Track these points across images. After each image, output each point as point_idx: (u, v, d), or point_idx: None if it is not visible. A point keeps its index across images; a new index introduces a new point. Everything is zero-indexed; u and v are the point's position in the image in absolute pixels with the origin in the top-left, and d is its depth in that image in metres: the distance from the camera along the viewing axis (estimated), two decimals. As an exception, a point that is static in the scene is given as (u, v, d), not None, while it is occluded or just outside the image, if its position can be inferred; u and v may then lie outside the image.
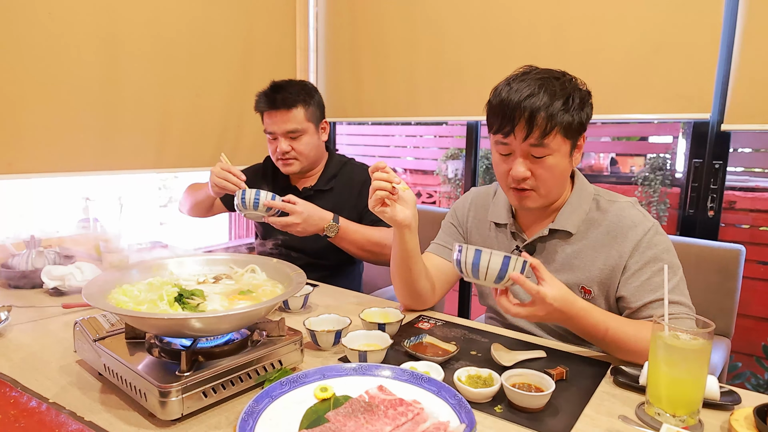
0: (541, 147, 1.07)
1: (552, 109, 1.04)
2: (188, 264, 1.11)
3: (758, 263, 2.76)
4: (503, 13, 2.18)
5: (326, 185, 1.79)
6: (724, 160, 1.86)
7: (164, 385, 0.79)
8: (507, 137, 1.09)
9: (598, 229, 1.15)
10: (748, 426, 0.79)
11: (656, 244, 1.09)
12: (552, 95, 1.05)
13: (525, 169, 1.09)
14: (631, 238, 1.10)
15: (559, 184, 1.15)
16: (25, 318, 1.26)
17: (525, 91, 1.05)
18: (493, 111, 1.11)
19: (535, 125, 1.04)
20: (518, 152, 1.10)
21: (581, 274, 1.16)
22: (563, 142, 1.08)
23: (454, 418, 0.78)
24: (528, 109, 1.04)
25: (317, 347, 1.09)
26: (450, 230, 1.39)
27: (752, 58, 1.68)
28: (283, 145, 1.69)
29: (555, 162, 1.09)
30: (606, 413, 0.86)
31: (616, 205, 1.16)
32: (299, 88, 1.70)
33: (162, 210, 3.93)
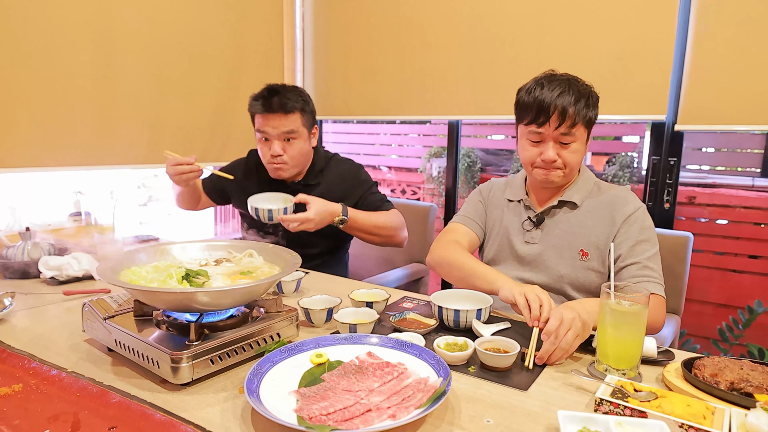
0: (569, 135, 1.29)
1: (579, 105, 1.27)
2: (190, 249, 1.20)
3: (715, 254, 2.94)
4: (486, 19, 2.31)
5: (314, 180, 1.86)
6: (678, 158, 2.03)
7: (176, 352, 0.89)
8: (541, 127, 1.29)
9: (598, 203, 1.37)
10: (676, 376, 0.94)
11: (643, 221, 1.32)
12: (579, 94, 1.28)
13: (555, 153, 1.31)
14: (624, 211, 1.32)
15: (578, 166, 1.38)
16: (27, 304, 1.33)
17: (557, 90, 1.28)
18: (528, 106, 1.31)
19: (567, 117, 1.26)
20: (549, 139, 1.31)
21: (582, 239, 1.36)
22: (584, 132, 1.32)
23: (432, 374, 0.90)
24: (561, 104, 1.26)
25: (311, 324, 1.20)
26: (476, 204, 1.58)
27: (701, 66, 1.86)
28: (276, 147, 1.72)
29: (577, 147, 1.32)
30: (563, 371, 0.99)
31: (613, 188, 1.40)
32: (297, 95, 1.74)
33: (142, 208, 3.96)
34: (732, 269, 2.84)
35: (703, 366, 0.92)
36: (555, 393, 0.91)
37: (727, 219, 2.90)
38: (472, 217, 1.55)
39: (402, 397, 0.84)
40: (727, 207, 2.90)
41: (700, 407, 0.79)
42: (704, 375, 0.89)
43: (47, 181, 2.03)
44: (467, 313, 1.16)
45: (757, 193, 2.89)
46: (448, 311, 1.17)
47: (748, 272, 2.80)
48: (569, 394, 0.91)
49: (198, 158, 2.51)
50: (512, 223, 1.47)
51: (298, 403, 0.82)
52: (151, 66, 2.23)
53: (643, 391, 0.85)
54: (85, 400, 0.83)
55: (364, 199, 1.86)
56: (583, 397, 0.90)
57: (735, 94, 1.81)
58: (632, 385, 0.86)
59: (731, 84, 1.82)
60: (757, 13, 1.74)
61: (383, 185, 4.68)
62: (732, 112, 1.83)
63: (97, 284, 1.53)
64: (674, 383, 0.91)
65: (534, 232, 1.42)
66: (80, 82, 2.02)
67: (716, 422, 0.76)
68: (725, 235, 2.89)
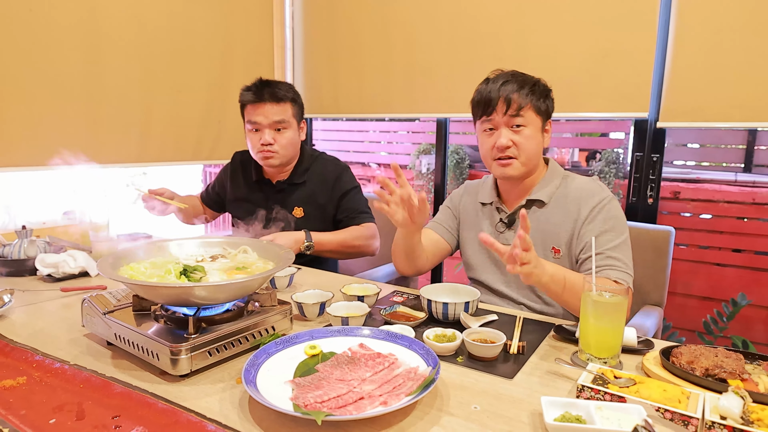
0: (519, 117, 1.33)
1: (523, 90, 1.33)
2: (186, 246, 1.23)
3: (699, 248, 3.01)
4: (470, 20, 2.35)
5: (299, 179, 1.90)
6: (661, 154, 2.09)
7: (175, 345, 0.92)
8: (490, 115, 1.35)
9: (565, 198, 1.40)
10: (655, 363, 0.98)
11: (608, 211, 1.34)
12: (522, 82, 1.35)
13: (507, 139, 1.34)
14: (589, 204, 1.35)
15: (536, 154, 1.38)
16: (25, 301, 1.36)
17: (500, 80, 1.35)
18: (477, 102, 1.39)
19: (512, 102, 1.33)
20: (500, 125, 1.35)
21: (552, 236, 1.39)
22: (536, 117, 1.35)
23: (422, 364, 0.94)
24: (505, 91, 1.33)
25: (304, 318, 1.24)
26: (446, 212, 1.63)
27: (682, 65, 1.91)
28: (267, 136, 1.76)
29: (531, 133, 1.35)
30: (547, 359, 1.04)
31: (581, 180, 1.42)
32: (288, 87, 1.82)
33: (131, 206, 3.96)
34: (716, 263, 2.91)
35: (680, 354, 0.96)
36: (539, 381, 0.95)
37: (710, 213, 2.97)
38: (442, 224, 1.59)
39: (393, 385, 0.88)
40: (711, 202, 2.96)
41: (675, 392, 0.84)
42: (681, 362, 0.94)
43: (41, 179, 2.04)
44: (455, 306, 1.20)
45: (740, 188, 2.96)
46: (437, 304, 1.21)
47: (732, 266, 2.87)
48: (553, 381, 0.95)
49: (189, 157, 2.55)
50: (486, 226, 1.50)
51: (294, 392, 0.85)
52: (140, 65, 2.25)
53: (623, 378, 0.89)
54: (89, 391, 0.86)
55: (344, 204, 1.90)
56: (566, 384, 0.94)
57: (716, 92, 1.87)
58: (613, 373, 0.91)
59: (712, 81, 1.87)
60: (736, 11, 1.80)
61: (373, 182, 4.71)
62: (713, 109, 1.88)
63: (93, 281, 1.55)
64: (653, 370, 0.96)
65: (507, 234, 1.45)
66: (70, 82, 2.04)
67: (691, 406, 0.81)
68: (709, 229, 2.96)
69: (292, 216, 1.89)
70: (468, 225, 1.56)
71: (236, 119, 2.17)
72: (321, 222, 1.89)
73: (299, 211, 1.89)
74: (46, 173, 2.01)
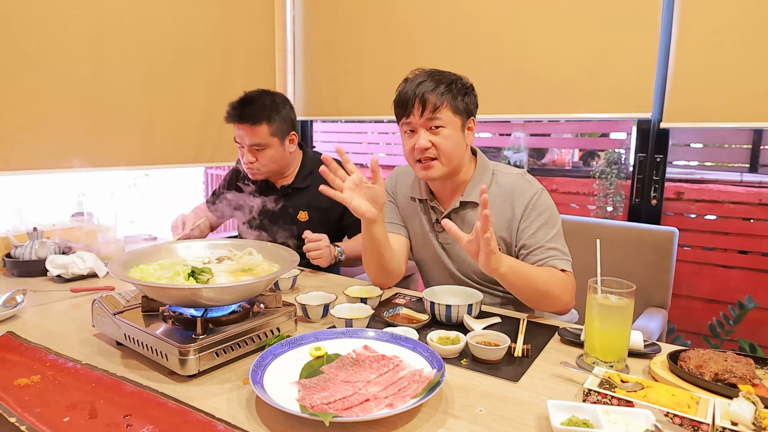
0: (436, 119, 1.32)
1: (438, 90, 1.31)
2: (193, 248, 1.25)
3: (704, 249, 2.99)
4: (470, 20, 2.36)
5: (302, 183, 1.91)
6: (664, 154, 2.09)
7: (183, 346, 0.94)
8: (408, 117, 1.34)
9: (496, 196, 1.40)
10: (662, 368, 0.99)
11: (540, 206, 1.36)
12: (437, 81, 1.33)
13: (426, 140, 1.33)
14: (521, 201, 1.37)
15: (457, 154, 1.36)
16: (36, 301, 1.38)
17: (417, 81, 1.34)
18: (397, 103, 1.38)
19: (428, 102, 1.31)
20: (419, 127, 1.34)
21: None
22: (453, 117, 1.33)
23: (427, 366, 0.95)
24: (420, 92, 1.31)
25: (308, 320, 1.25)
26: (389, 206, 1.58)
27: (685, 65, 1.91)
28: (248, 156, 1.80)
29: (449, 133, 1.33)
30: (552, 363, 1.04)
31: (509, 176, 1.42)
32: (267, 103, 1.78)
33: (134, 208, 4.00)
34: (721, 265, 2.90)
35: (688, 358, 0.96)
36: (544, 384, 0.96)
37: (715, 214, 2.96)
38: (393, 220, 1.56)
39: (398, 387, 0.89)
40: (716, 202, 2.95)
41: (684, 397, 0.84)
42: (689, 366, 0.94)
43: (49, 182, 2.07)
44: (459, 308, 1.21)
45: (746, 189, 2.94)
46: (440, 306, 1.22)
47: (738, 267, 2.85)
48: (558, 385, 0.96)
49: (191, 159, 2.57)
50: (423, 223, 1.50)
51: (300, 393, 0.86)
52: (142, 68, 2.27)
53: (630, 381, 0.89)
54: (101, 390, 0.87)
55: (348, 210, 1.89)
56: (571, 387, 0.95)
57: (720, 92, 1.87)
58: (619, 377, 0.91)
59: (716, 81, 1.87)
60: (739, 10, 1.79)
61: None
62: (717, 109, 1.88)
63: (102, 281, 1.57)
64: (660, 375, 0.96)
65: (446, 234, 1.45)
66: (74, 85, 2.06)
67: (700, 411, 0.80)
68: (714, 230, 2.95)
69: (298, 220, 1.90)
70: (410, 220, 1.54)
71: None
72: (325, 226, 1.89)
73: (304, 215, 1.90)
74: (55, 176, 2.03)
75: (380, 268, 1.44)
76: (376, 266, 1.44)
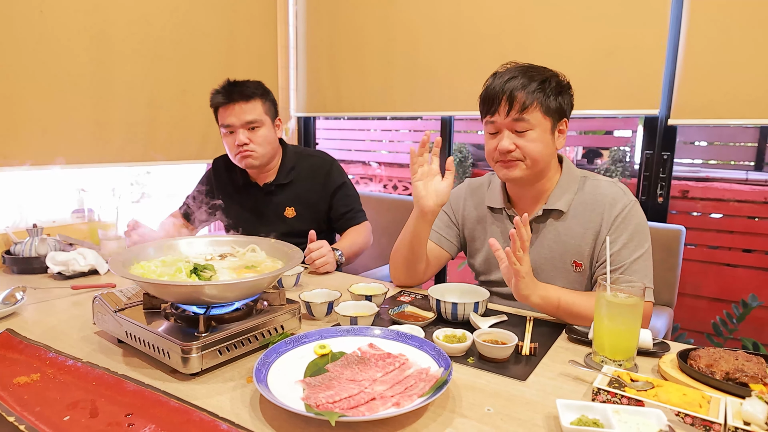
0: (523, 121, 1.22)
1: (530, 87, 1.21)
2: (196, 244, 1.23)
3: (709, 248, 2.98)
4: (473, 16, 2.34)
5: (286, 179, 1.87)
6: (672, 152, 2.07)
7: (186, 343, 0.92)
8: (493, 116, 1.25)
9: (585, 206, 1.29)
10: (672, 366, 0.97)
11: (632, 218, 1.25)
12: (530, 78, 1.22)
13: (510, 142, 1.24)
14: (612, 213, 1.25)
15: (543, 158, 1.26)
16: (37, 298, 1.36)
17: (506, 76, 1.23)
18: (482, 99, 1.28)
19: (515, 101, 1.21)
20: (503, 127, 1.25)
21: (573, 249, 1.30)
22: (543, 119, 1.23)
23: (434, 365, 0.94)
24: (509, 89, 1.21)
25: (312, 317, 1.23)
26: (444, 218, 1.51)
27: (694, 61, 1.89)
28: (242, 136, 1.73)
29: (537, 136, 1.24)
30: (560, 361, 1.03)
31: (599, 183, 1.31)
32: (257, 84, 1.79)
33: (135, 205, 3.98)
34: (726, 263, 2.88)
35: (698, 357, 0.95)
36: (552, 383, 0.94)
37: (720, 213, 2.94)
38: (439, 231, 1.49)
39: (405, 386, 0.87)
40: (721, 201, 2.93)
41: (695, 396, 0.82)
42: (700, 365, 0.92)
43: (49, 178, 2.06)
44: (465, 306, 1.19)
45: (751, 187, 2.93)
46: (446, 304, 1.20)
47: (742, 266, 2.83)
48: (566, 383, 0.94)
49: (194, 156, 2.56)
50: (496, 234, 1.40)
51: (305, 391, 0.85)
52: (145, 65, 2.26)
53: (640, 381, 0.88)
54: (102, 389, 0.86)
55: (338, 201, 1.88)
56: (580, 386, 0.93)
57: (728, 88, 1.84)
58: (629, 375, 0.89)
59: (724, 78, 1.84)
60: (749, 7, 1.77)
61: (375, 181, 4.71)
62: (725, 106, 1.86)
63: (103, 279, 1.55)
64: (670, 373, 0.94)
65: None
66: (77, 81, 2.04)
67: (712, 411, 0.79)
68: (719, 228, 2.93)
69: (285, 217, 1.87)
70: (475, 232, 1.45)
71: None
72: (313, 220, 1.87)
73: (291, 212, 1.88)
74: (55, 172, 2.02)
75: (406, 263, 1.41)
76: (403, 259, 1.41)
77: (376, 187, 4.68)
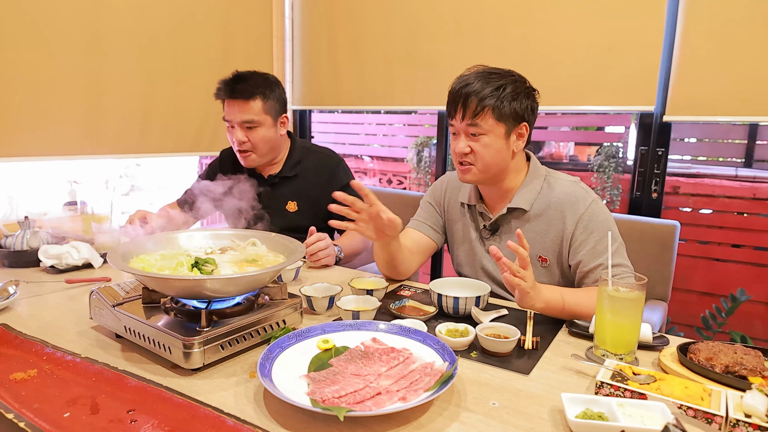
0: (475, 126, 1.26)
1: (482, 93, 1.24)
2: (196, 238, 1.21)
3: (698, 243, 3.01)
4: (474, 11, 2.33)
5: (291, 172, 1.86)
6: (666, 148, 2.08)
7: (188, 338, 0.91)
8: (452, 119, 1.30)
9: (548, 205, 1.34)
10: (672, 360, 0.98)
11: (597, 216, 1.28)
12: (485, 84, 1.25)
13: (465, 145, 1.28)
14: (576, 212, 1.29)
15: (496, 163, 1.30)
16: (30, 293, 1.34)
17: (464, 81, 1.27)
18: (447, 100, 1.32)
19: (468, 108, 1.25)
20: (460, 131, 1.29)
21: (538, 245, 1.35)
22: (496, 125, 1.26)
23: (438, 359, 0.93)
24: (464, 94, 1.25)
25: (313, 312, 1.22)
26: (428, 208, 1.56)
27: (689, 59, 1.91)
28: (239, 135, 1.71)
29: (490, 141, 1.27)
30: (562, 355, 1.03)
31: (562, 182, 1.35)
32: (261, 81, 1.73)
33: (124, 198, 3.93)
34: (716, 258, 2.92)
35: (698, 350, 0.96)
36: (555, 377, 0.94)
37: (711, 208, 2.98)
38: (426, 222, 1.53)
39: (410, 380, 0.87)
40: (711, 197, 2.97)
41: (697, 389, 0.83)
42: (700, 359, 0.93)
43: (41, 170, 2.02)
44: (466, 300, 1.19)
45: (741, 183, 2.96)
46: (448, 299, 1.20)
47: (732, 261, 2.87)
48: (569, 377, 0.94)
49: (188, 148, 2.53)
50: (472, 231, 1.46)
51: (310, 386, 0.84)
52: (140, 56, 2.23)
53: (642, 374, 0.88)
54: (102, 384, 0.84)
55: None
56: (582, 380, 0.93)
57: (723, 86, 1.86)
58: (631, 369, 0.90)
59: (719, 75, 1.86)
60: (745, 4, 1.79)
61: (369, 175, 4.69)
62: (720, 103, 1.88)
63: (97, 272, 1.53)
64: (670, 367, 0.95)
65: (492, 240, 1.42)
66: (71, 72, 2.01)
67: (713, 403, 0.80)
68: (709, 224, 2.97)
69: (286, 210, 1.86)
70: (455, 224, 1.51)
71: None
72: (314, 217, 1.86)
73: (293, 206, 1.86)
74: (48, 164, 1.98)
75: (390, 267, 1.44)
76: (386, 266, 1.44)
77: (371, 181, 4.67)
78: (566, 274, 1.35)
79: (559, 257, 1.34)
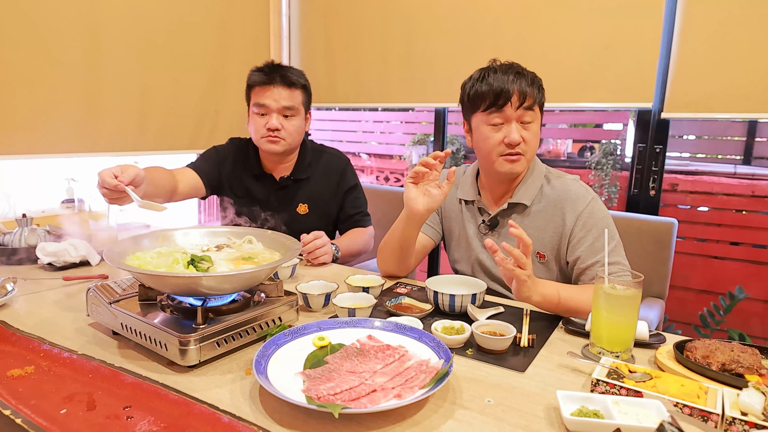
0: (531, 111, 1.30)
1: (534, 85, 1.30)
2: (192, 235, 1.21)
3: (696, 240, 3.01)
4: (471, 8, 2.33)
5: (303, 174, 1.83)
6: (664, 145, 2.08)
7: (184, 335, 0.91)
8: (502, 109, 1.29)
9: (548, 201, 1.36)
10: (669, 358, 0.98)
11: (596, 214, 1.30)
12: (531, 78, 1.31)
13: (519, 135, 1.30)
14: (575, 209, 1.31)
15: (535, 152, 1.35)
16: (28, 290, 1.34)
17: (511, 74, 1.30)
18: (484, 94, 1.31)
19: (527, 96, 1.29)
20: (513, 119, 1.30)
21: (536, 241, 1.35)
22: (539, 114, 1.33)
23: (433, 356, 0.94)
24: (521, 85, 1.28)
25: (309, 309, 1.23)
26: None
27: (688, 55, 1.90)
28: (275, 121, 1.68)
29: (536, 129, 1.32)
30: (557, 353, 1.03)
31: (562, 180, 1.37)
32: (301, 73, 1.76)
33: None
34: (714, 256, 2.92)
35: (694, 348, 0.96)
36: (551, 374, 0.95)
37: (709, 206, 2.98)
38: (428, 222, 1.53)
39: (405, 378, 0.87)
40: (710, 194, 2.97)
41: (693, 387, 0.83)
42: (696, 357, 0.93)
43: (38, 168, 2.02)
44: (462, 297, 1.19)
45: (739, 181, 2.96)
46: (444, 296, 1.20)
47: (730, 259, 2.87)
48: (565, 375, 0.94)
49: (186, 145, 2.53)
50: (469, 226, 1.47)
51: (305, 383, 0.84)
52: (137, 54, 2.23)
53: (638, 372, 0.89)
54: (98, 381, 0.84)
55: (349, 202, 1.87)
56: (578, 378, 0.94)
57: (721, 83, 1.86)
58: (627, 367, 0.90)
59: (717, 72, 1.86)
60: (742, 2, 1.78)
61: (366, 173, 4.69)
62: (717, 100, 1.88)
63: (94, 270, 1.53)
64: (667, 365, 0.95)
65: (490, 236, 1.42)
66: (68, 70, 2.01)
67: (710, 401, 0.80)
68: (707, 221, 2.97)
69: (297, 213, 1.84)
70: (452, 221, 1.52)
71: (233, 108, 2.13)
72: (324, 219, 1.86)
73: (304, 208, 1.84)
74: (45, 161, 1.98)
75: (396, 258, 1.44)
76: (392, 254, 1.44)
77: (368, 179, 4.67)
78: (564, 270, 1.36)
79: (558, 254, 1.35)
